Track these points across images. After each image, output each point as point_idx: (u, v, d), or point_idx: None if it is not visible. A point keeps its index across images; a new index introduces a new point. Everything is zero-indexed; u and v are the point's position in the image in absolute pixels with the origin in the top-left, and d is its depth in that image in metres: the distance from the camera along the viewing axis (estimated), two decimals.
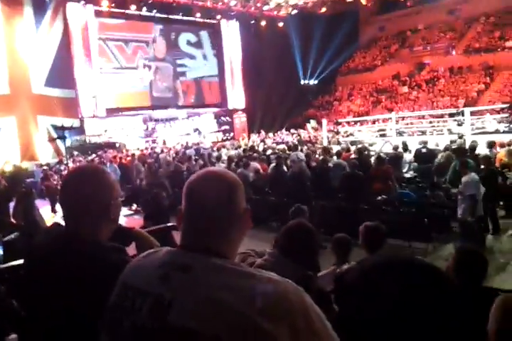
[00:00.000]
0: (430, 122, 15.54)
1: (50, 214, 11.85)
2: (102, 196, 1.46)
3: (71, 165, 13.28)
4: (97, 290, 1.25)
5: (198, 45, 29.58)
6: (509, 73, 27.24)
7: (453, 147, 9.51)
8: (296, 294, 1.03)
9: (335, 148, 12.47)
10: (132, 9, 24.17)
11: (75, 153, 18.53)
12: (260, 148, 15.52)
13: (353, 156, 9.81)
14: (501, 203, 8.06)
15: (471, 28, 32.16)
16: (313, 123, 28.33)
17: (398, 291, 0.83)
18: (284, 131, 25.42)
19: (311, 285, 2.00)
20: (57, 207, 12.62)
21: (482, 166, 7.59)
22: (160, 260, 1.11)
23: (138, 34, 26.39)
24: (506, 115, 13.70)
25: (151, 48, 26.98)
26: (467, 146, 9.97)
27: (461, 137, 12.26)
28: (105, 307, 1.17)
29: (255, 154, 12.37)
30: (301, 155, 9.52)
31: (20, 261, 1.84)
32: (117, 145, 21.36)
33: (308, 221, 5.13)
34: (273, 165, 10.00)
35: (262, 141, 20.27)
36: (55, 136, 20.37)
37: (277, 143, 17.65)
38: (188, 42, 28.90)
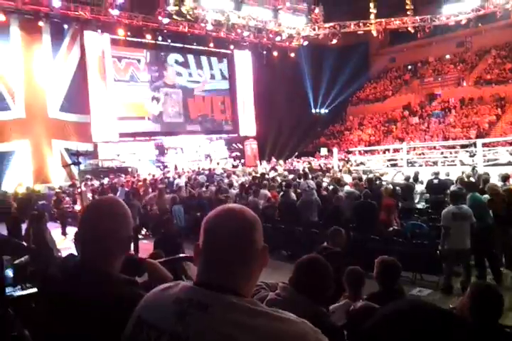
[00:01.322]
0: (442, 153, 15.49)
1: (60, 237, 11.87)
2: (120, 231, 1.48)
3: (83, 188, 13.35)
4: (110, 324, 1.26)
5: (211, 73, 30.24)
6: None
7: (465, 180, 9.41)
8: (313, 335, 1.03)
9: (345, 177, 12.45)
10: (148, 38, 24.81)
11: (88, 176, 18.67)
12: (271, 176, 15.54)
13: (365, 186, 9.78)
14: None
15: (481, 60, 32.50)
16: (323, 151, 28.43)
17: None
18: (294, 158, 25.48)
19: (325, 323, 1.98)
20: (68, 229, 12.69)
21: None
22: (176, 296, 1.11)
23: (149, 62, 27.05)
24: None
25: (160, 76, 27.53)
26: (477, 178, 9.89)
27: (473, 169, 12.19)
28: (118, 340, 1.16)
29: (265, 182, 12.38)
30: (312, 184, 9.52)
31: (34, 290, 1.85)
32: (129, 169, 21.55)
33: (344, 243, 5.13)
34: (282, 193, 9.99)
35: (273, 168, 20.33)
36: (69, 161, 20.67)
37: (289, 171, 17.65)
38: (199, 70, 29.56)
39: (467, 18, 27.24)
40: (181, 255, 2.76)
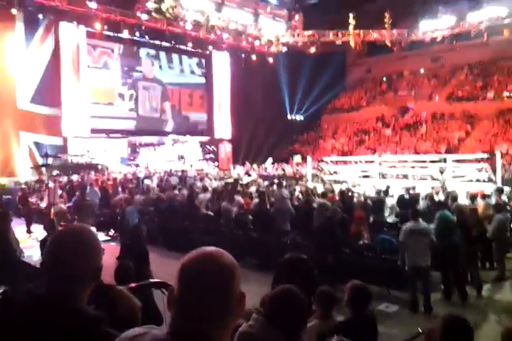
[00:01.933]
0: (413, 167, 15.82)
1: (25, 235, 11.51)
2: (92, 262, 1.43)
3: (51, 184, 12.95)
4: None
5: (187, 72, 30.03)
6: (489, 123, 28.17)
7: (434, 198, 9.61)
8: None
9: (318, 186, 12.54)
10: (125, 33, 24.42)
11: (56, 172, 18.19)
12: (245, 181, 15.50)
13: (337, 198, 9.85)
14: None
15: (454, 76, 33.40)
16: (297, 158, 28.56)
17: None
18: (269, 164, 25.49)
19: None
20: (33, 227, 12.32)
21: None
22: None
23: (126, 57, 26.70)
24: (486, 164, 14.04)
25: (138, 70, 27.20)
26: (446, 194, 10.10)
27: (443, 184, 12.45)
28: None
29: (239, 188, 12.34)
30: (286, 193, 9.53)
31: None
32: (99, 166, 21.10)
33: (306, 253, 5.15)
34: (256, 200, 9.96)
35: (247, 173, 20.29)
36: (37, 155, 20.14)
37: (263, 177, 17.63)
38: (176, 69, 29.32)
39: (443, 35, 27.99)
40: (152, 280, 2.65)
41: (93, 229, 10.61)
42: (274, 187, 12.07)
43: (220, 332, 1.07)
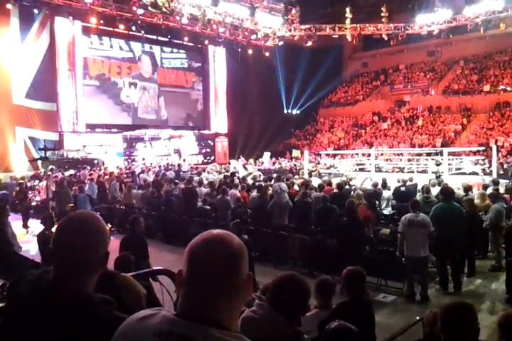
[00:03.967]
0: (409, 160, 15.86)
1: (21, 230, 11.49)
2: (97, 248, 1.42)
3: (46, 181, 12.90)
4: None
5: (184, 67, 29.92)
6: (485, 116, 28.26)
7: (447, 187, 9.49)
8: None
9: (315, 180, 12.55)
10: (121, 28, 24.27)
11: (51, 166, 18.11)
12: (241, 175, 15.49)
13: (335, 191, 9.88)
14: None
15: (450, 70, 33.46)
16: (296, 153, 28.53)
17: None
18: (266, 158, 25.49)
19: None
20: (30, 222, 12.30)
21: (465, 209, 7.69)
22: (156, 327, 1.06)
23: (123, 51, 26.54)
24: (482, 157, 14.10)
25: (136, 67, 27.05)
26: (442, 186, 10.09)
27: (438, 177, 12.50)
28: None
29: (237, 181, 12.33)
30: (284, 187, 9.53)
31: (1, 305, 1.73)
32: (95, 161, 21.05)
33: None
34: (256, 194, 9.97)
35: (244, 167, 20.27)
36: (33, 150, 20.07)
37: (261, 171, 17.63)
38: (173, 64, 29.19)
39: (439, 28, 27.98)
40: (154, 268, 2.66)
41: None
42: (272, 181, 12.10)
43: (227, 315, 1.08)
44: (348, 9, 27.63)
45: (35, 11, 21.74)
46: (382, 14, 27.73)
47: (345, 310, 3.37)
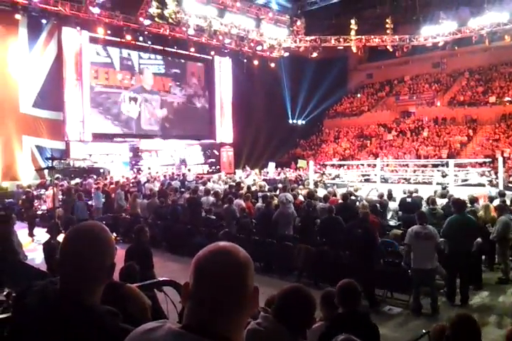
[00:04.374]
0: (414, 171, 15.82)
1: (27, 239, 11.52)
2: (103, 259, 1.43)
3: (54, 189, 12.94)
4: None
5: (189, 78, 30.10)
6: (491, 127, 28.20)
7: (455, 199, 9.36)
8: None
9: (321, 191, 12.53)
10: (127, 39, 24.52)
11: (57, 175, 18.20)
12: (246, 184, 15.48)
13: (340, 201, 9.85)
14: None
15: (455, 82, 33.49)
16: (302, 163, 28.46)
17: None
18: (271, 168, 25.47)
19: None
20: (36, 231, 12.32)
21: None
22: (162, 340, 1.06)
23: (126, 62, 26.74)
24: (488, 169, 14.04)
25: (137, 79, 27.22)
26: (449, 198, 10.04)
27: (444, 188, 12.45)
28: None
29: (242, 191, 12.33)
30: (290, 197, 9.53)
31: (7, 315, 1.74)
32: (101, 170, 21.14)
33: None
34: (260, 204, 9.95)
35: (248, 176, 20.27)
36: (39, 158, 20.17)
37: (267, 181, 17.61)
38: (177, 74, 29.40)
39: (444, 40, 28.07)
40: (160, 279, 2.66)
41: None
42: (277, 191, 12.09)
43: (234, 328, 1.08)
44: (353, 21, 27.78)
45: (44, 21, 22.04)
46: (387, 26, 27.85)
47: (342, 322, 3.34)
